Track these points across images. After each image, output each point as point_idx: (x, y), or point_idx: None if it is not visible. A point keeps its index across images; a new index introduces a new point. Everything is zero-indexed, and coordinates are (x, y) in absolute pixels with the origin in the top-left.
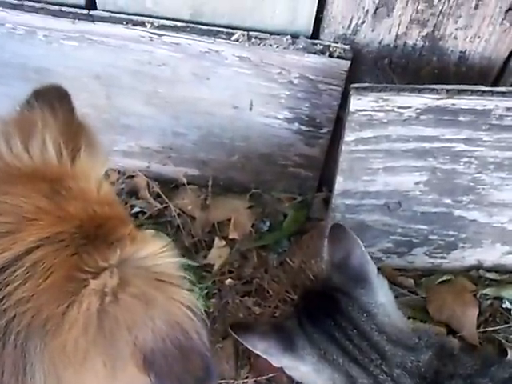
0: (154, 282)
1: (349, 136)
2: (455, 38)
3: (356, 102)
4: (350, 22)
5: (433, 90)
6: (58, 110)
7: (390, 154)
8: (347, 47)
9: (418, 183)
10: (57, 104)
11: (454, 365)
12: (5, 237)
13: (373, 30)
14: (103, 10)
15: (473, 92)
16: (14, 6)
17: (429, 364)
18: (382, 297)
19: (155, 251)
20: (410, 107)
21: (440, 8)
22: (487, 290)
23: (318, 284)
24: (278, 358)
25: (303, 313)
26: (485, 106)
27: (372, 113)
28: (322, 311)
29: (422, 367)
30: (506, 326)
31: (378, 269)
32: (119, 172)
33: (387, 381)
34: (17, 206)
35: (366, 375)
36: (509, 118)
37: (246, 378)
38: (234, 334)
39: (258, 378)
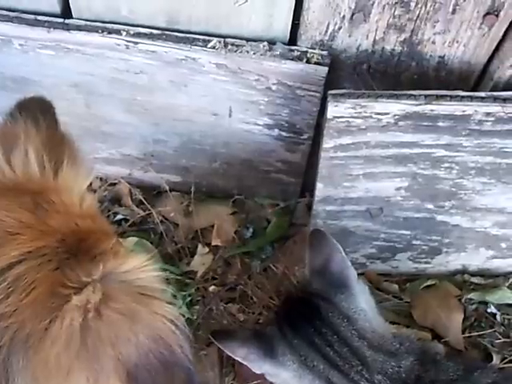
0: (137, 297)
1: (327, 143)
2: (433, 42)
3: (333, 109)
4: (327, 27)
5: (411, 95)
6: (41, 122)
7: (370, 160)
8: (325, 53)
9: (399, 189)
10: (40, 116)
11: (437, 370)
12: None
13: (350, 36)
14: (79, 19)
15: (452, 97)
16: None
17: (410, 370)
18: (362, 302)
19: (138, 265)
20: (388, 113)
21: (417, 13)
22: (472, 295)
23: (299, 290)
24: (258, 365)
25: (284, 319)
26: (464, 111)
27: (350, 119)
28: (303, 317)
29: (404, 373)
30: (492, 330)
31: (361, 274)
32: (101, 179)
33: None
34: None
35: (346, 381)
36: (488, 123)
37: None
38: (214, 341)
39: None
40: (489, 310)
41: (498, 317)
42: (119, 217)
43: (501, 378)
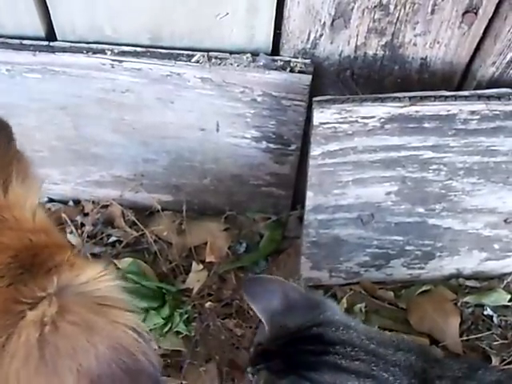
0: (95, 307)
1: (315, 150)
2: (415, 44)
3: (319, 115)
4: (308, 35)
5: (395, 98)
6: None
7: (358, 165)
8: (308, 61)
9: (388, 193)
10: None
11: (441, 367)
12: None
13: (332, 43)
14: (63, 41)
15: (436, 98)
16: None
17: (415, 363)
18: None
19: (95, 276)
20: (373, 117)
21: (396, 15)
22: (468, 298)
23: (280, 336)
24: None
25: (295, 366)
26: (449, 111)
27: (336, 125)
28: (313, 353)
29: (413, 365)
30: (489, 332)
31: (356, 283)
32: (93, 202)
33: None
34: None
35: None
36: (474, 122)
37: None
38: None
39: None
40: (485, 313)
41: (494, 319)
42: (113, 238)
43: (505, 376)
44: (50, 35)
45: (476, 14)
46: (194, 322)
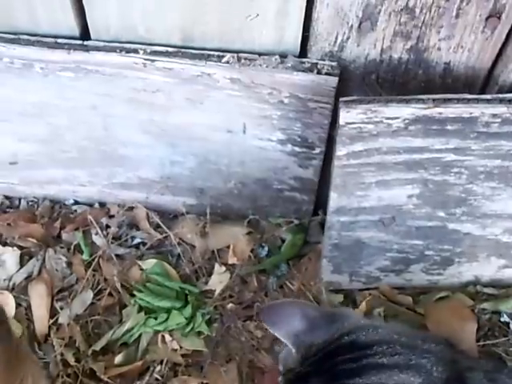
0: None
1: (340, 150)
2: (439, 49)
3: (345, 115)
4: (336, 38)
5: (419, 99)
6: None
7: (382, 167)
8: (334, 64)
9: (410, 196)
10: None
11: (471, 361)
12: None
13: (358, 45)
14: (97, 40)
15: (459, 100)
16: (10, 40)
17: (446, 354)
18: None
19: None
20: (398, 118)
21: (422, 19)
22: (485, 305)
23: (310, 355)
24: None
25: (337, 378)
26: (471, 113)
27: (362, 125)
28: (354, 359)
29: (444, 355)
30: (505, 339)
31: (375, 288)
32: (119, 205)
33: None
34: None
35: (417, 373)
36: (495, 125)
37: None
38: None
39: None
40: (502, 319)
41: (511, 325)
42: (137, 240)
43: None
44: (85, 34)
45: (499, 18)
46: (215, 322)
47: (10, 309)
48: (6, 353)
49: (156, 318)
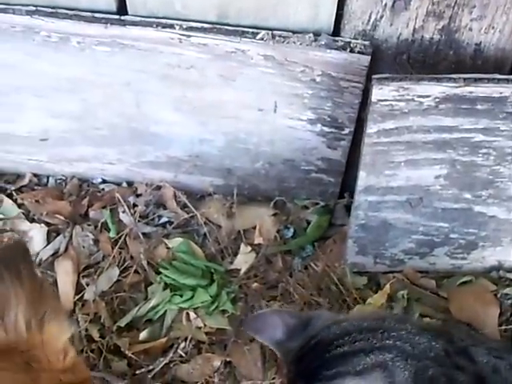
0: None
1: (371, 128)
2: (470, 29)
3: (377, 92)
4: (369, 17)
5: (450, 78)
6: (24, 276)
7: (411, 146)
8: (367, 43)
9: (438, 177)
10: (22, 267)
11: (475, 339)
12: None
13: (391, 25)
14: (134, 15)
15: (489, 80)
16: (48, 14)
17: (440, 340)
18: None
19: None
20: (429, 96)
21: None
22: (508, 290)
23: (292, 360)
24: None
25: (312, 376)
26: (501, 93)
27: (393, 102)
28: (321, 356)
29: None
30: None
31: (399, 272)
32: (146, 184)
33: (403, 344)
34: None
35: (387, 352)
36: None
37: (273, 379)
38: None
39: None
40: None
41: None
42: (164, 219)
43: None
44: (122, 9)
45: None
46: (239, 301)
47: None
48: (31, 289)
49: (181, 296)
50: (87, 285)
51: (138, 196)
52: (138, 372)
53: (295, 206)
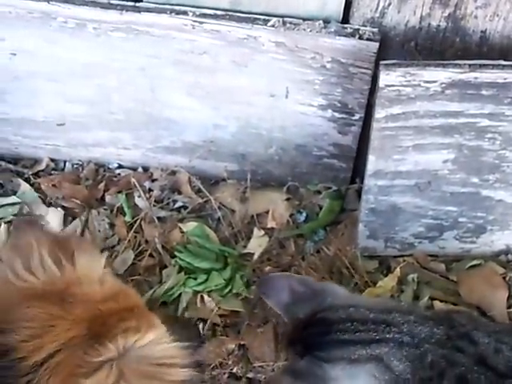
0: (152, 370)
1: (379, 113)
2: (475, 17)
3: (385, 77)
4: (378, 4)
5: (456, 64)
6: (44, 228)
7: (419, 130)
8: (375, 30)
9: (445, 161)
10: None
11: (476, 323)
12: (35, 339)
13: (399, 12)
14: (149, 2)
15: (494, 66)
16: (65, 0)
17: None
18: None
19: (155, 339)
20: (435, 81)
21: None
22: None
23: (296, 325)
24: None
25: (312, 348)
26: (505, 79)
27: (400, 88)
28: (322, 334)
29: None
30: None
31: (409, 255)
32: (162, 169)
33: (402, 336)
34: (37, 315)
35: (384, 345)
36: None
37: (286, 360)
38: None
39: None
40: None
41: None
42: (179, 204)
43: None
44: None
45: None
46: (253, 285)
47: None
48: (54, 236)
49: (196, 279)
50: None
51: (153, 181)
52: None
53: (308, 191)
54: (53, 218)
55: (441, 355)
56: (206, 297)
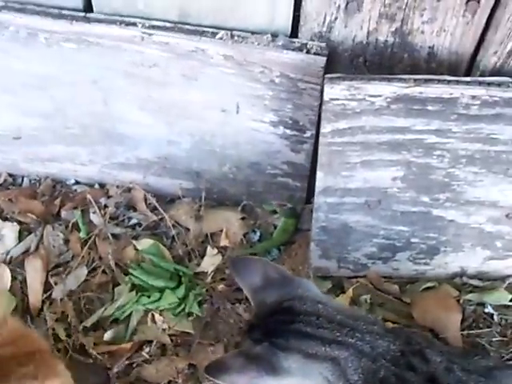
0: None
1: (325, 127)
2: (422, 32)
3: (329, 91)
4: (324, 18)
5: (401, 78)
6: None
7: (366, 146)
8: (323, 45)
9: (395, 179)
10: None
11: (434, 345)
12: None
13: (346, 26)
14: (99, 13)
15: (439, 81)
16: (17, 9)
17: (401, 339)
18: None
19: None
20: (380, 95)
21: (405, 1)
22: (470, 296)
23: (259, 314)
24: None
25: (267, 335)
26: (451, 94)
27: (345, 102)
28: (283, 323)
29: (383, 333)
30: (489, 330)
31: (363, 276)
32: (117, 186)
33: (363, 345)
34: None
35: (344, 349)
36: (474, 108)
37: (237, 345)
38: (210, 378)
39: None
40: (486, 311)
41: (495, 317)
42: (133, 221)
43: (503, 365)
44: (88, 8)
45: (479, 2)
46: (205, 304)
47: (6, 281)
48: None
49: (149, 297)
50: (55, 283)
51: (109, 197)
52: None
53: (263, 211)
54: (8, 233)
55: (392, 372)
56: (157, 316)
